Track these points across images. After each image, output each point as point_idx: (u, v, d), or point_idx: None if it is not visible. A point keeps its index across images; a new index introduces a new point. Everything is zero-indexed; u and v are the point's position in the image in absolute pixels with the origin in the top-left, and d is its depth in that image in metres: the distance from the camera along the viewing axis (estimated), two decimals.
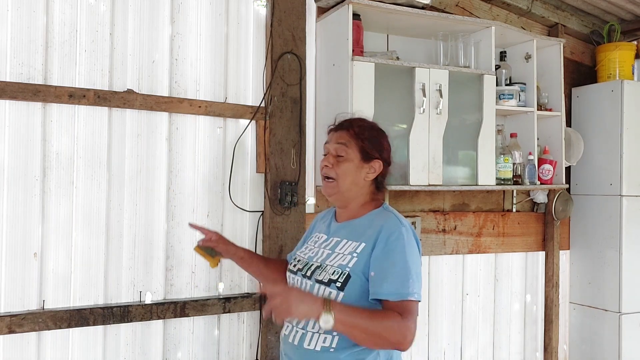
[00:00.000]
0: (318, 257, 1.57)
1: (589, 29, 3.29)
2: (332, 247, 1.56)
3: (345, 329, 1.34)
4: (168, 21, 2.22)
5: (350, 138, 1.56)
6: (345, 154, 1.55)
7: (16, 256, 1.94)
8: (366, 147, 1.56)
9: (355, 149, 1.55)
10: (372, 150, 1.57)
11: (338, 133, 1.59)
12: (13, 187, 1.94)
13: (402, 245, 1.44)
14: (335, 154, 1.56)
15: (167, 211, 2.21)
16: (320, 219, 1.77)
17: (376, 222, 1.52)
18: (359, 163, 1.56)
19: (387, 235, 1.46)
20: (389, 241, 1.45)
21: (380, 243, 1.45)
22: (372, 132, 1.60)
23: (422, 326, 2.83)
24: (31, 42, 1.97)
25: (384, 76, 2.36)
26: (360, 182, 1.57)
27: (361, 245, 1.49)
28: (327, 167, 1.57)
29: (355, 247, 1.50)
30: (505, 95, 2.72)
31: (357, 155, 1.55)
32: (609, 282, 3.07)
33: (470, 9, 2.88)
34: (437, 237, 2.86)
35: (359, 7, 2.33)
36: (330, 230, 1.64)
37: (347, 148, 1.55)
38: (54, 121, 2.00)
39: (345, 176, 1.55)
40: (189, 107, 2.21)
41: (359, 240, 1.51)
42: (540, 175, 2.85)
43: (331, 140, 1.60)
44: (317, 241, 1.65)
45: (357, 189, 1.57)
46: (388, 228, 1.47)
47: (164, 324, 2.20)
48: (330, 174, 1.56)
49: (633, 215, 3.04)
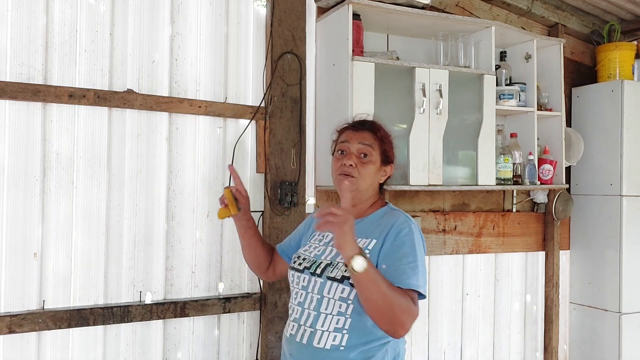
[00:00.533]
0: (327, 255, 1.55)
1: (589, 29, 3.28)
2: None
3: (368, 282, 1.33)
4: (168, 21, 2.22)
5: (375, 140, 1.58)
6: (369, 154, 1.56)
7: (16, 256, 1.94)
8: (388, 151, 1.60)
9: (378, 151, 1.58)
10: (391, 154, 1.62)
11: (360, 133, 1.58)
12: (13, 187, 1.94)
13: (412, 240, 1.47)
14: (358, 154, 1.56)
15: (167, 211, 2.21)
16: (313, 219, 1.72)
17: (386, 220, 1.54)
18: (379, 166, 1.59)
19: (398, 230, 1.48)
20: (400, 235, 1.47)
21: (390, 237, 1.47)
22: (390, 137, 1.64)
23: (422, 326, 2.83)
24: (31, 42, 1.97)
25: (384, 76, 2.36)
26: (375, 184, 1.60)
27: (372, 242, 1.50)
28: (350, 166, 1.55)
29: (367, 244, 1.50)
30: (505, 95, 2.72)
31: (378, 158, 1.58)
32: (609, 282, 3.07)
33: (470, 9, 2.88)
34: (437, 237, 2.86)
35: (359, 7, 2.33)
36: None
37: (372, 149, 1.56)
38: (54, 121, 2.00)
39: (367, 177, 1.56)
40: (189, 107, 2.21)
41: (369, 237, 1.52)
42: (540, 175, 2.85)
43: (352, 140, 1.58)
44: (321, 239, 1.63)
45: (371, 190, 1.60)
46: (399, 225, 1.50)
47: (164, 324, 2.20)
48: (354, 173, 1.55)
49: (633, 215, 3.04)
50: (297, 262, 1.62)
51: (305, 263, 1.58)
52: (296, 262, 1.63)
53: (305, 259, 1.60)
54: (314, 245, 1.64)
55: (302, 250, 1.67)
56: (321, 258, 1.56)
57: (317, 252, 1.60)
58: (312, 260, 1.58)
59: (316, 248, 1.62)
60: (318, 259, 1.57)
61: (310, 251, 1.62)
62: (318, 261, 1.55)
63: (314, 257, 1.58)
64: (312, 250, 1.62)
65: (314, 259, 1.57)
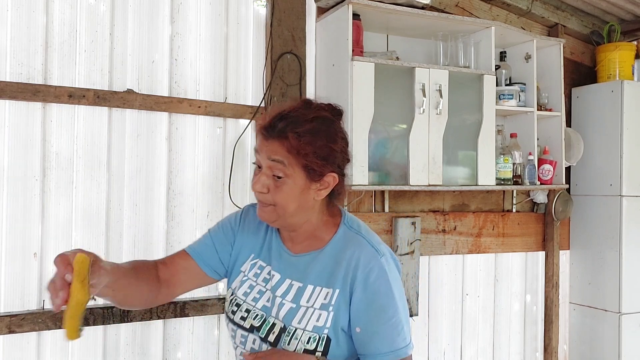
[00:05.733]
0: (279, 313, 1.19)
1: (589, 29, 3.28)
2: (296, 296, 1.20)
3: None
4: (168, 21, 2.22)
5: (287, 154, 1.13)
6: (283, 174, 1.14)
7: (16, 256, 1.94)
8: (312, 164, 1.14)
9: (297, 167, 1.14)
10: (322, 165, 1.15)
11: (270, 143, 1.14)
12: (13, 187, 1.94)
13: (386, 285, 1.15)
14: (271, 173, 1.15)
15: (167, 211, 2.21)
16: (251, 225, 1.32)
17: (347, 255, 1.18)
18: (304, 184, 1.16)
19: (365, 274, 1.15)
20: (369, 282, 1.15)
21: (359, 287, 1.15)
22: (317, 138, 1.14)
23: (422, 326, 2.83)
24: (31, 42, 1.97)
25: (384, 76, 2.36)
26: (309, 204, 1.19)
27: (335, 293, 1.17)
28: (261, 193, 1.17)
29: (328, 297, 1.17)
30: (505, 96, 2.72)
31: (301, 175, 1.15)
32: (609, 282, 3.07)
33: (470, 9, 2.88)
34: (437, 237, 2.86)
35: (358, 7, 2.33)
36: (283, 264, 1.25)
37: (285, 168, 1.13)
38: (53, 121, 2.00)
39: (287, 203, 1.16)
40: (189, 107, 2.21)
41: (329, 285, 1.18)
42: (540, 176, 2.85)
43: (262, 151, 1.16)
44: (267, 278, 1.25)
45: (305, 211, 1.20)
46: (364, 264, 1.16)
47: (163, 324, 2.20)
48: (267, 200, 1.17)
49: (633, 216, 3.04)
50: (239, 314, 1.24)
51: (252, 319, 1.23)
52: (237, 314, 1.25)
53: (249, 312, 1.24)
54: (259, 288, 1.25)
55: (241, 292, 1.26)
56: (271, 315, 1.21)
57: (266, 302, 1.23)
58: (260, 316, 1.22)
59: (261, 293, 1.24)
60: (267, 315, 1.22)
61: (255, 298, 1.24)
62: (268, 321, 1.21)
63: (262, 311, 1.22)
64: (258, 298, 1.24)
65: (263, 315, 1.22)
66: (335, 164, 1.18)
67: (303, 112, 1.16)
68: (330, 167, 1.17)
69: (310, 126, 1.14)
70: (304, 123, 1.14)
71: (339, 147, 1.19)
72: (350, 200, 2.59)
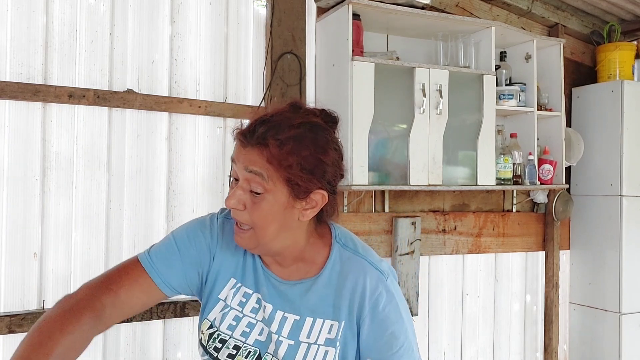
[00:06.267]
0: (278, 350, 1.03)
1: (589, 29, 3.28)
2: (293, 332, 1.04)
3: None
4: (168, 21, 2.22)
5: (267, 165, 0.94)
6: (263, 189, 0.96)
7: (16, 256, 1.95)
8: (296, 178, 0.95)
9: (278, 181, 0.95)
10: (307, 180, 0.97)
11: (247, 151, 0.96)
12: (13, 187, 1.94)
13: (395, 311, 1.03)
14: (248, 187, 0.97)
15: (167, 211, 2.21)
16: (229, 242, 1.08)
17: (349, 282, 1.03)
18: (287, 202, 0.97)
19: (373, 302, 1.02)
20: (378, 311, 1.02)
21: (367, 317, 1.02)
22: (303, 147, 0.95)
23: (422, 326, 2.83)
24: (31, 42, 1.97)
25: (384, 76, 2.35)
26: (292, 225, 1.01)
27: (341, 326, 1.02)
28: (236, 210, 0.98)
29: (334, 331, 1.02)
30: (505, 96, 2.72)
31: (283, 191, 0.96)
32: (609, 282, 3.07)
33: (470, 9, 2.88)
34: (437, 237, 2.86)
35: (358, 7, 2.33)
36: (273, 293, 1.06)
37: (264, 181, 0.95)
38: (53, 121, 2.00)
39: (266, 224, 0.98)
40: (189, 107, 2.21)
41: (334, 316, 1.03)
42: (540, 176, 2.85)
43: (238, 160, 0.98)
44: (255, 308, 1.06)
45: (288, 234, 1.01)
46: (371, 291, 1.02)
47: (163, 324, 2.20)
48: (244, 219, 0.98)
49: (633, 215, 3.04)
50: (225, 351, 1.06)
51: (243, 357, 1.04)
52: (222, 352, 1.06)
53: (239, 349, 1.05)
54: (246, 320, 1.06)
55: (224, 326, 1.07)
56: (268, 349, 1.04)
57: (258, 336, 1.05)
58: (253, 352, 1.04)
59: (252, 326, 1.06)
60: (262, 350, 1.04)
61: (244, 331, 1.06)
62: (265, 357, 1.04)
63: (255, 346, 1.05)
64: (247, 332, 1.05)
65: (255, 351, 1.04)
66: (324, 180, 0.98)
67: (288, 116, 0.97)
68: (318, 182, 0.98)
69: (295, 132, 0.95)
70: (288, 129, 0.95)
71: (330, 160, 0.99)
72: (350, 200, 2.59)
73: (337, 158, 1.01)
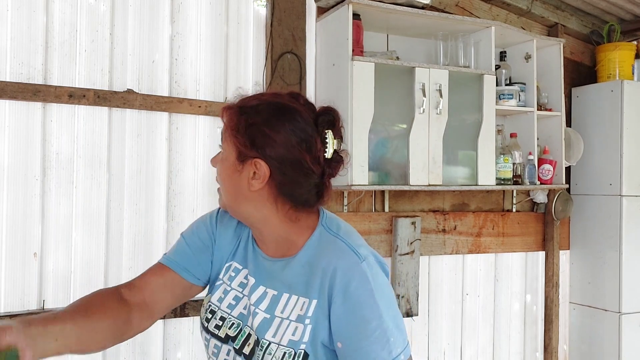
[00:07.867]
0: (253, 322, 1.07)
1: (589, 29, 3.29)
2: (270, 306, 1.07)
3: None
4: (168, 21, 2.22)
5: (227, 127, 1.07)
6: (222, 147, 1.09)
7: (16, 256, 1.95)
8: (238, 142, 1.03)
9: (230, 141, 1.06)
10: (246, 146, 1.02)
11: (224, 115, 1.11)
12: (13, 187, 1.94)
13: (368, 294, 1.00)
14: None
15: (167, 211, 2.21)
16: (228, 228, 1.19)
17: (323, 261, 1.03)
18: (234, 164, 1.05)
19: (345, 283, 1.00)
20: (349, 292, 1.00)
21: (338, 297, 1.00)
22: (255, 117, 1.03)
23: (422, 326, 2.83)
24: (31, 42, 1.97)
25: (384, 76, 2.36)
26: (243, 192, 1.05)
27: (312, 304, 1.03)
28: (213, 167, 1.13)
29: (305, 307, 1.03)
30: (505, 95, 2.72)
31: (231, 151, 1.06)
32: (609, 282, 3.07)
33: (470, 9, 2.88)
34: (437, 237, 2.86)
35: (359, 7, 2.33)
36: (258, 268, 1.12)
37: (224, 141, 1.09)
38: (53, 121, 2.00)
39: (223, 179, 1.09)
40: (189, 107, 2.21)
41: (306, 294, 1.04)
42: (540, 175, 2.85)
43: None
44: (243, 283, 1.13)
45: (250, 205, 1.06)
46: (343, 271, 1.01)
47: (164, 324, 2.20)
48: (216, 176, 1.12)
49: (633, 215, 3.04)
50: (213, 322, 1.12)
51: (227, 328, 1.10)
52: (211, 322, 1.13)
53: (224, 320, 1.11)
54: (235, 293, 1.13)
55: (215, 298, 1.14)
56: (246, 324, 1.09)
57: (242, 310, 1.11)
58: (236, 325, 1.10)
59: (237, 300, 1.12)
60: (243, 324, 1.10)
61: (232, 305, 1.12)
62: (244, 329, 1.09)
63: (238, 318, 1.10)
64: (234, 304, 1.12)
65: (238, 323, 1.10)
66: (263, 151, 1.01)
67: (267, 94, 1.10)
68: (257, 152, 1.02)
69: (256, 103, 1.05)
70: (254, 100, 1.06)
71: (280, 139, 1.01)
72: (350, 199, 2.59)
73: (293, 143, 1.02)
